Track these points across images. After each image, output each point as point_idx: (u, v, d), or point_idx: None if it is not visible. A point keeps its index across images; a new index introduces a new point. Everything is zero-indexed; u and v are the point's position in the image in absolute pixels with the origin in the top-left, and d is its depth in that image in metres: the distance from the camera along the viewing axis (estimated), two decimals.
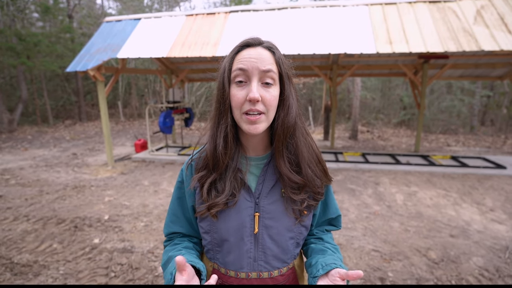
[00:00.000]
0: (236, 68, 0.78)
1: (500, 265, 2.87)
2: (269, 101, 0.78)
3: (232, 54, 0.81)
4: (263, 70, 0.77)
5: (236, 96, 0.78)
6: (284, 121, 0.81)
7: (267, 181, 0.86)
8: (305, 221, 0.88)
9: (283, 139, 0.82)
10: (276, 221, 0.85)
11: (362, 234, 3.55)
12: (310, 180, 0.84)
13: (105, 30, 7.38)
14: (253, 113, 0.77)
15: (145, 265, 2.88)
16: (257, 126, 0.78)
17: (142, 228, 3.68)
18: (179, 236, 0.96)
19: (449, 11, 6.18)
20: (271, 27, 6.53)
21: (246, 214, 0.84)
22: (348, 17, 6.44)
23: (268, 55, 0.79)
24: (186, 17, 7.30)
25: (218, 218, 0.84)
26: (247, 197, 0.85)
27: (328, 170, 0.92)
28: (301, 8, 6.86)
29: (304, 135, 0.87)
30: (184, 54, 6.19)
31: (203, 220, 0.87)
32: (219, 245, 0.86)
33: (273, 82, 0.79)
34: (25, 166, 6.86)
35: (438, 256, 3.04)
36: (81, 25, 17.05)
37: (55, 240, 3.36)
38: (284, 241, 0.86)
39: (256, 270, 0.85)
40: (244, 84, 0.78)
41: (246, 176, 0.86)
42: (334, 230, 1.04)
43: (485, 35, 5.64)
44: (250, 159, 0.88)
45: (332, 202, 0.98)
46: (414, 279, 2.67)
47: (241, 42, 0.82)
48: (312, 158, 0.87)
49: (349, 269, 2.83)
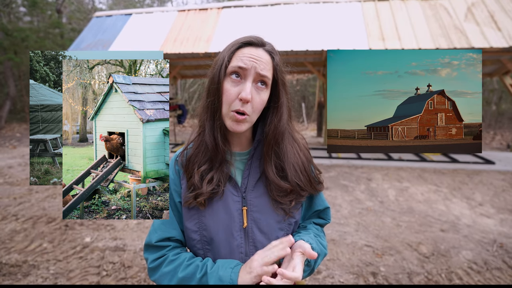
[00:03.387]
0: (235, 64, 0.78)
1: (488, 258, 2.94)
2: (257, 104, 0.79)
3: (233, 48, 0.80)
4: (260, 74, 0.78)
5: (229, 92, 0.78)
6: (276, 127, 0.83)
7: (252, 175, 0.87)
8: (294, 212, 0.89)
9: (273, 145, 0.84)
10: (264, 214, 0.85)
11: (354, 230, 3.59)
12: (296, 185, 0.86)
13: (95, 25, 7.24)
14: (240, 113, 0.78)
15: (137, 263, 2.86)
16: (242, 126, 0.79)
17: (135, 226, 3.65)
18: (169, 248, 0.86)
19: (441, 8, 6.24)
20: (264, 23, 6.49)
21: (234, 208, 0.84)
22: (341, 14, 6.44)
23: (268, 59, 0.80)
24: (178, 12, 7.20)
25: (206, 215, 0.84)
26: (234, 191, 0.85)
27: (314, 180, 0.92)
28: (294, 4, 6.83)
29: (291, 143, 0.88)
30: (176, 50, 6.12)
31: (190, 220, 0.86)
32: (209, 243, 0.86)
33: (265, 86, 0.80)
34: (13, 165, 6.72)
35: (428, 250, 3.10)
36: (71, 20, 16.70)
37: (45, 239, 3.31)
38: (273, 233, 0.86)
39: None
40: (238, 81, 0.78)
41: (232, 169, 0.87)
42: (324, 224, 1.02)
43: (475, 32, 5.71)
44: (234, 155, 0.89)
45: (319, 194, 0.98)
46: (405, 273, 2.72)
47: (244, 39, 0.81)
48: (298, 166, 0.88)
49: (341, 264, 2.86)
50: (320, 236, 0.95)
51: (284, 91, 0.84)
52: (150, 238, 0.86)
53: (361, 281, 2.61)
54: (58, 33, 14.90)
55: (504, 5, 6.00)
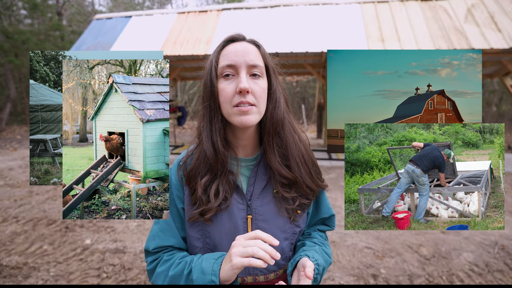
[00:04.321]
0: (223, 63, 0.78)
1: (489, 260, 2.92)
2: (259, 93, 0.77)
3: (218, 49, 0.81)
4: (251, 64, 0.77)
5: (225, 90, 0.77)
6: (273, 115, 0.81)
7: (258, 182, 0.85)
8: (299, 221, 0.87)
9: (273, 133, 0.81)
10: (269, 223, 0.83)
11: (355, 232, 3.57)
12: (299, 176, 0.83)
13: (95, 28, 7.27)
14: (244, 105, 0.75)
15: (137, 265, 2.85)
16: (249, 117, 0.76)
17: (135, 228, 3.64)
18: (166, 250, 0.85)
19: (441, 9, 6.25)
20: (264, 25, 6.50)
21: (239, 217, 0.82)
22: (341, 15, 6.46)
23: (254, 49, 0.80)
24: (178, 14, 7.22)
25: (211, 222, 0.82)
26: (239, 199, 0.83)
27: (316, 174, 0.89)
28: (294, 6, 6.85)
29: (292, 133, 0.86)
30: (176, 52, 6.14)
31: (192, 227, 0.84)
32: (212, 251, 0.83)
33: (260, 74, 0.79)
34: (14, 167, 6.72)
35: (429, 252, 3.08)
36: (71, 23, 16.77)
37: (45, 241, 3.30)
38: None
39: (252, 274, 0.83)
40: (232, 78, 0.77)
41: (238, 178, 0.83)
42: (328, 230, 1.01)
43: (475, 33, 5.72)
44: (240, 161, 0.86)
45: (325, 202, 0.97)
46: (406, 275, 2.70)
47: (226, 38, 0.83)
48: (299, 157, 0.86)
49: (342, 266, 2.84)
50: (324, 244, 0.93)
51: (275, 77, 0.84)
52: (148, 245, 0.85)
53: (362, 283, 2.60)
54: (59, 36, 14.96)
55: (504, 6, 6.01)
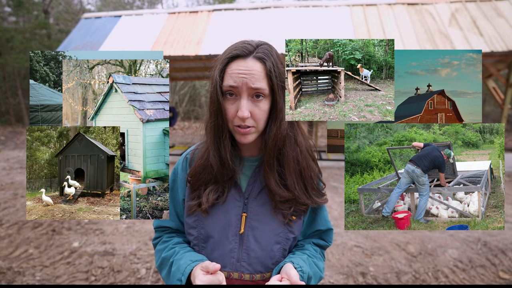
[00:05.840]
0: (227, 84, 0.77)
1: (472, 256, 3.02)
2: (259, 115, 0.78)
3: (221, 66, 0.79)
4: (253, 88, 0.76)
5: (228, 111, 0.79)
6: (276, 134, 0.80)
7: (258, 183, 0.87)
8: (293, 226, 0.87)
9: (274, 152, 0.82)
10: (262, 223, 0.85)
11: (344, 231, 3.63)
12: (297, 195, 0.84)
13: (84, 27, 7.14)
14: (243, 127, 0.78)
15: (127, 268, 2.82)
16: (248, 136, 0.81)
17: (124, 230, 3.59)
18: (167, 231, 0.97)
19: (426, 13, 6.42)
20: (254, 26, 6.53)
21: (234, 213, 0.85)
22: (330, 17, 6.55)
23: (259, 68, 0.76)
24: (169, 15, 7.18)
25: (207, 214, 0.86)
26: (237, 196, 0.86)
27: (313, 189, 0.89)
28: (284, 8, 6.91)
29: (293, 147, 0.85)
30: (167, 52, 6.09)
31: (190, 216, 0.88)
32: (205, 241, 0.87)
33: (263, 96, 0.78)
34: None
35: (416, 250, 3.16)
36: (58, 21, 16.40)
37: (31, 245, 3.22)
38: (269, 245, 0.85)
39: (238, 271, 0.85)
40: (235, 98, 0.78)
41: (239, 176, 0.87)
42: (324, 246, 0.99)
43: (459, 37, 5.90)
44: (244, 160, 0.89)
45: (323, 214, 0.96)
46: (394, 272, 2.77)
47: (230, 52, 0.78)
48: (295, 172, 0.86)
49: (331, 265, 2.88)
50: (315, 257, 0.92)
51: (282, 94, 0.80)
52: (154, 222, 0.99)
53: (351, 281, 2.64)
54: (45, 34, 14.61)
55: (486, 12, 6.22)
